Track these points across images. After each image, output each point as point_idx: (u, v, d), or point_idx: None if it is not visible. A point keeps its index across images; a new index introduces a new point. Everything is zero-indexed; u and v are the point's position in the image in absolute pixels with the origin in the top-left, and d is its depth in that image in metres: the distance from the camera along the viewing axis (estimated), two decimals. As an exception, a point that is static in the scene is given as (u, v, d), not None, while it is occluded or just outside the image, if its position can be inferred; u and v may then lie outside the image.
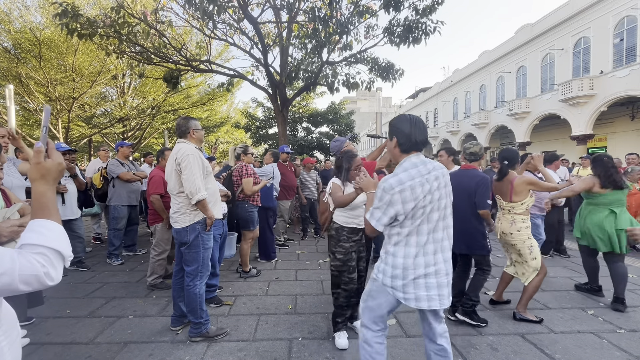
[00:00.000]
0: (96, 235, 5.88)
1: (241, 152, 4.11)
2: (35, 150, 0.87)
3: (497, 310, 3.07)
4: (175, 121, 2.79)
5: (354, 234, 2.50)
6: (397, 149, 1.65)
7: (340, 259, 2.48)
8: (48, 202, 0.86)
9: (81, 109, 13.98)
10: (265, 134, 13.75)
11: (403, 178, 1.53)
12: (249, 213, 4.01)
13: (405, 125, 1.61)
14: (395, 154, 1.68)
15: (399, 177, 1.54)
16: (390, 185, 1.53)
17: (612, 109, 15.76)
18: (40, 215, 0.84)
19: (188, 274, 2.51)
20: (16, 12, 10.51)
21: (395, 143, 1.64)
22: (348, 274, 2.48)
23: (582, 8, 16.32)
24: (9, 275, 0.70)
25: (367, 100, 69.81)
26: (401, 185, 1.52)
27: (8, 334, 0.84)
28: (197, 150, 2.51)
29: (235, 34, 7.22)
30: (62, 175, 0.96)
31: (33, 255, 0.75)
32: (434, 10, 5.87)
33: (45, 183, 0.87)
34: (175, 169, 2.45)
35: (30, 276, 0.73)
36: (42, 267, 0.75)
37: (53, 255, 0.79)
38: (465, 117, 27.33)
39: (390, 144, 1.68)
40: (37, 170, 0.86)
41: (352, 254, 2.49)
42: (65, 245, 0.83)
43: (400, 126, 1.62)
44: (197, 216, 2.49)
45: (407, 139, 1.60)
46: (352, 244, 2.49)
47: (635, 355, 2.34)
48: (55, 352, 2.36)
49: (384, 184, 1.55)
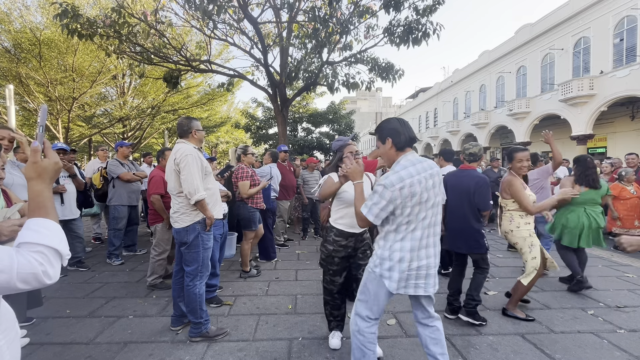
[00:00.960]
0: (96, 235, 5.88)
1: (241, 153, 4.11)
2: (32, 149, 0.88)
3: (497, 310, 3.07)
4: (177, 121, 2.79)
5: (341, 237, 2.27)
6: (393, 149, 1.73)
7: (322, 258, 2.37)
8: (45, 201, 0.86)
9: (81, 109, 13.98)
10: (265, 134, 13.74)
11: (403, 175, 1.60)
12: (251, 213, 4.01)
13: (395, 124, 1.74)
14: (391, 154, 1.75)
15: (400, 175, 1.60)
16: (391, 182, 1.58)
17: (612, 109, 15.76)
18: (38, 214, 0.84)
19: (188, 274, 2.51)
20: (16, 12, 10.52)
21: (390, 144, 1.72)
22: (329, 275, 2.37)
23: (582, 8, 16.31)
24: (7, 273, 0.70)
25: (367, 100, 69.77)
26: (401, 182, 1.58)
27: (6, 334, 0.84)
28: (196, 151, 2.50)
29: (235, 34, 7.23)
30: (58, 175, 0.96)
31: (31, 253, 0.75)
32: (434, 10, 5.87)
33: (42, 182, 0.87)
34: (175, 169, 2.45)
35: (29, 274, 0.73)
36: (40, 266, 0.75)
37: (51, 254, 0.79)
38: (465, 117, 27.32)
39: (385, 147, 1.75)
40: (34, 169, 0.87)
41: (334, 259, 2.29)
42: (63, 244, 0.83)
43: (391, 127, 1.74)
44: (197, 216, 2.48)
45: (400, 136, 1.71)
46: (337, 248, 2.27)
47: (635, 355, 2.34)
48: (55, 352, 2.36)
49: (385, 180, 1.60)
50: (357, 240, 2.33)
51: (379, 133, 1.78)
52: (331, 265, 2.33)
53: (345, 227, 2.27)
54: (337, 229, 2.28)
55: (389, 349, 2.41)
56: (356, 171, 1.81)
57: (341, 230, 2.27)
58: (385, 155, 1.77)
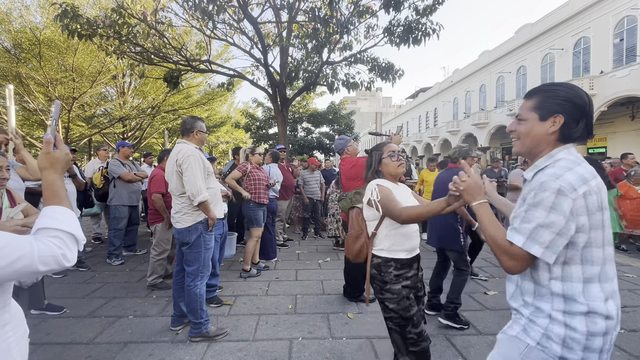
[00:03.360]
0: (96, 235, 5.88)
1: (249, 152, 4.24)
2: (45, 141, 0.93)
3: (497, 310, 3.07)
4: (177, 121, 2.79)
5: (406, 268, 1.69)
6: (554, 136, 1.02)
7: (393, 309, 1.65)
8: (59, 190, 0.92)
9: (81, 109, 13.98)
10: (265, 134, 13.76)
11: (585, 174, 0.94)
12: (252, 211, 4.03)
13: (580, 98, 1.00)
14: (543, 141, 1.04)
15: (579, 173, 0.93)
16: (570, 184, 0.91)
17: (612, 109, 15.77)
18: (52, 202, 0.89)
19: (189, 274, 2.51)
20: (16, 12, 10.51)
21: (556, 125, 1.01)
22: (413, 327, 1.63)
23: (582, 8, 16.32)
24: (29, 257, 0.75)
25: (367, 100, 69.82)
26: (586, 184, 0.92)
27: (16, 330, 0.89)
28: (197, 151, 2.50)
29: (235, 34, 7.23)
30: (69, 165, 1.03)
31: (50, 238, 0.80)
32: (434, 10, 5.87)
33: (54, 172, 0.93)
34: (176, 170, 2.44)
35: (49, 257, 0.78)
36: (59, 249, 0.80)
37: (68, 238, 0.84)
38: (465, 117, 27.33)
39: (541, 126, 1.03)
40: (47, 160, 0.92)
41: (409, 298, 1.67)
42: (78, 229, 0.88)
43: (573, 100, 1.00)
44: (199, 216, 2.49)
45: (579, 121, 1.00)
46: (406, 283, 1.67)
47: (635, 355, 2.34)
48: (55, 352, 2.36)
49: (554, 183, 0.92)
50: (418, 262, 1.79)
51: (542, 99, 1.04)
52: (411, 309, 1.64)
53: (407, 254, 1.70)
54: (396, 259, 1.67)
55: (389, 349, 2.40)
56: (477, 188, 1.16)
57: (403, 259, 1.69)
58: (530, 137, 1.06)
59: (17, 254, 0.73)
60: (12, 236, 0.75)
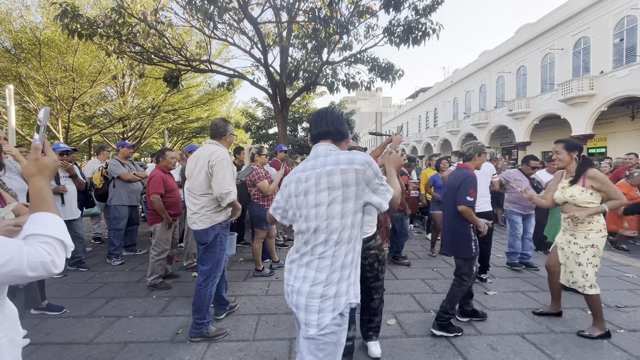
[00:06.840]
0: (96, 235, 5.88)
1: (255, 153, 4.20)
2: (33, 148, 0.93)
3: (497, 310, 3.07)
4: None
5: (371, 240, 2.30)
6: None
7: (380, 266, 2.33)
8: (46, 196, 0.91)
9: (81, 108, 13.98)
10: (265, 134, 13.75)
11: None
12: (263, 212, 4.03)
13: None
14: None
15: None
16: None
17: (612, 109, 15.76)
18: (41, 209, 0.88)
19: (202, 273, 2.55)
20: (16, 12, 10.51)
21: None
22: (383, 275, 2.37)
23: (582, 8, 16.32)
24: (18, 261, 0.74)
25: (367, 100, 69.79)
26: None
27: (8, 332, 0.87)
28: (229, 155, 2.57)
29: (235, 34, 7.23)
30: (56, 172, 1.02)
31: (39, 244, 0.80)
32: (434, 10, 5.87)
33: (42, 178, 0.92)
34: (207, 170, 2.46)
35: (38, 262, 0.77)
36: (48, 255, 0.80)
37: (57, 244, 0.83)
38: (465, 117, 27.33)
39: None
40: (35, 166, 0.91)
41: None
42: (67, 236, 0.88)
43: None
44: (218, 217, 2.54)
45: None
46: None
47: (635, 355, 2.34)
48: (55, 352, 2.36)
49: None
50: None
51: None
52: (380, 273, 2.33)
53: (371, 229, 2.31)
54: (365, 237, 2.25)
55: (389, 349, 2.41)
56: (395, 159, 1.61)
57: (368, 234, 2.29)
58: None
59: (5, 257, 0.72)
60: (1, 239, 0.74)
